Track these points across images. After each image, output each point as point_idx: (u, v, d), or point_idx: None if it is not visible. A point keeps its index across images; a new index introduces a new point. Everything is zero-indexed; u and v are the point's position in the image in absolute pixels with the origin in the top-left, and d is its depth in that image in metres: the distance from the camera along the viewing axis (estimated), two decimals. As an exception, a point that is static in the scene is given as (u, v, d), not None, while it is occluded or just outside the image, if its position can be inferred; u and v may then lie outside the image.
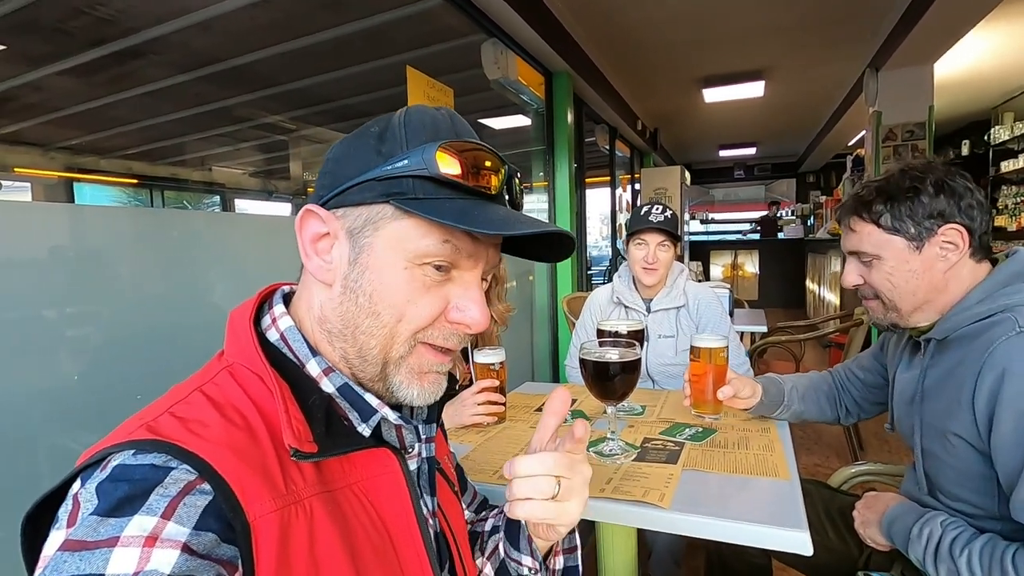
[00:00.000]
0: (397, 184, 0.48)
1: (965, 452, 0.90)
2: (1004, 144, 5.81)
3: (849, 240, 1.04)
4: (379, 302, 0.49)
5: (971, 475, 0.91)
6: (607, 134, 5.64)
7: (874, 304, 1.04)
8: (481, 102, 3.87)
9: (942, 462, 0.95)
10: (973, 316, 0.91)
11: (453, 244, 0.49)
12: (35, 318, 1.06)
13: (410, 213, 0.48)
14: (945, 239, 0.94)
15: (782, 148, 9.08)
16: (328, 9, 2.90)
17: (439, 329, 0.51)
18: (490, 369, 1.34)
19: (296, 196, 5.28)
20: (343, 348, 0.51)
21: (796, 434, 1.48)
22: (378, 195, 0.48)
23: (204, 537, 0.38)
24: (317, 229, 0.51)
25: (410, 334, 0.50)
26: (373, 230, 0.49)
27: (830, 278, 5.78)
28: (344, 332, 0.50)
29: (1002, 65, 4.77)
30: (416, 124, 0.50)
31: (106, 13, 2.58)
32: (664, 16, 3.66)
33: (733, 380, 1.20)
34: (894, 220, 0.95)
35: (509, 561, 0.67)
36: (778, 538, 0.79)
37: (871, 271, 1.01)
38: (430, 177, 0.47)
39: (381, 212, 0.49)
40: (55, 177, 3.96)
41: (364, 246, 0.49)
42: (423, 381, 0.52)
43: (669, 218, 1.72)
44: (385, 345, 0.50)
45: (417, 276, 0.49)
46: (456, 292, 0.51)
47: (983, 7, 3.19)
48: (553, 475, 0.53)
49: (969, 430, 0.88)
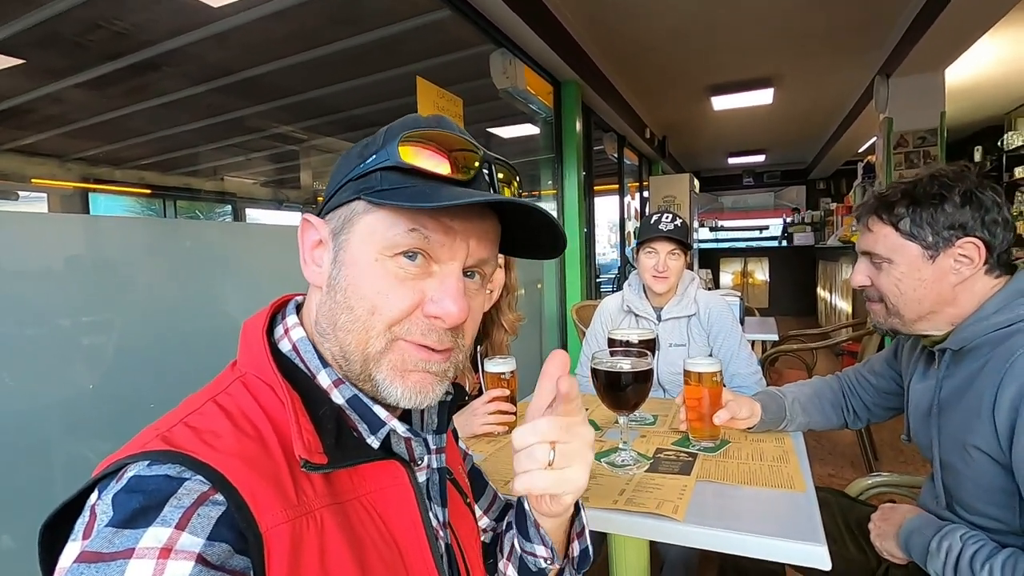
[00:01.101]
0: (367, 180, 0.49)
1: (985, 465, 0.88)
2: (1017, 150, 5.75)
3: (865, 240, 1.02)
4: (352, 296, 0.49)
5: (992, 489, 0.89)
6: (615, 142, 5.65)
7: (877, 307, 1.03)
8: (490, 111, 3.90)
9: (962, 475, 0.93)
10: (991, 326, 0.90)
11: (421, 232, 0.48)
12: (51, 328, 1.08)
13: (378, 205, 0.48)
14: (962, 252, 0.92)
15: (791, 155, 9.03)
16: (340, 21, 2.93)
17: (415, 323, 0.49)
18: (500, 378, 1.34)
19: (306, 205, 5.33)
20: (331, 348, 0.51)
21: (810, 444, 1.46)
22: (351, 193, 0.49)
23: (218, 548, 0.38)
24: (313, 237, 0.52)
25: (384, 327, 0.49)
26: (349, 227, 0.50)
27: (842, 285, 5.73)
28: (327, 331, 0.50)
29: (1014, 71, 4.73)
30: (396, 126, 0.50)
31: (122, 27, 2.63)
32: (672, 25, 3.67)
33: (729, 403, 1.17)
34: (913, 225, 0.94)
35: (525, 556, 0.66)
36: (795, 552, 0.78)
37: (880, 274, 0.99)
38: (394, 167, 0.48)
39: (354, 209, 0.49)
40: (71, 188, 4.03)
41: (342, 244, 0.50)
42: (406, 380, 0.50)
43: (679, 226, 1.71)
44: (360, 340, 0.49)
45: (390, 268, 0.48)
46: (432, 285, 0.50)
47: (994, 13, 3.17)
48: (547, 441, 0.50)
49: (989, 443, 0.86)
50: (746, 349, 1.72)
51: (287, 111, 4.34)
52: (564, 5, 3.29)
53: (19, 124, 3.38)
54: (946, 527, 0.92)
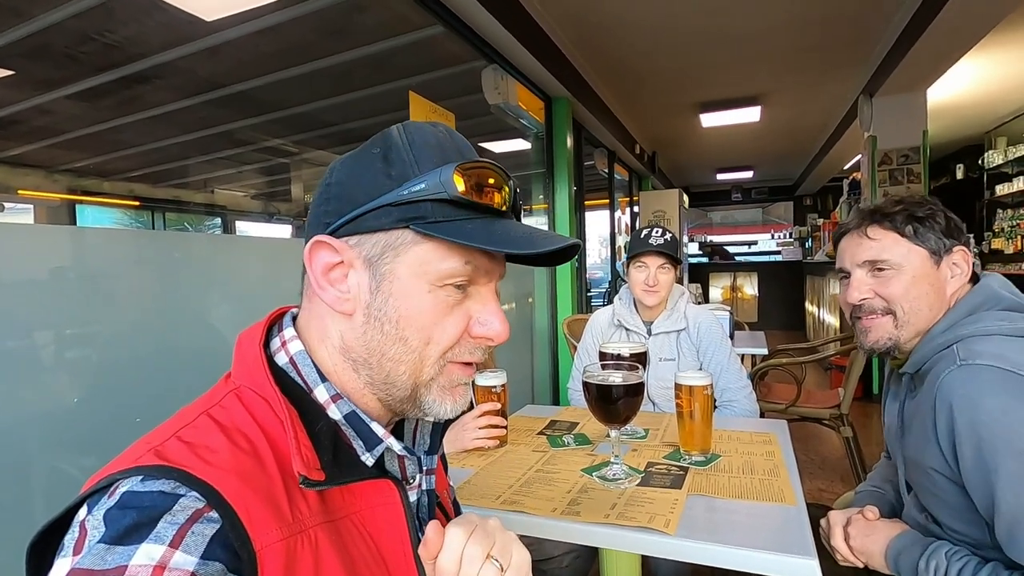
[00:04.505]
0: (415, 208, 0.47)
1: (947, 487, 0.88)
2: (998, 168, 5.87)
3: (864, 249, 0.98)
4: (406, 327, 0.49)
5: (960, 509, 0.88)
6: (606, 157, 5.70)
7: (882, 322, 0.98)
8: (482, 126, 3.92)
9: (932, 495, 0.94)
10: (935, 348, 0.91)
11: (473, 264, 0.50)
12: (37, 340, 1.06)
13: (430, 237, 0.47)
14: (954, 261, 0.95)
15: (779, 171, 9.16)
16: (332, 36, 2.95)
17: (464, 345, 0.52)
18: (491, 392, 1.33)
19: (297, 218, 5.30)
20: (369, 375, 0.51)
21: (800, 458, 1.47)
22: (395, 220, 0.47)
23: (211, 567, 0.37)
24: (329, 259, 0.49)
25: (439, 355, 0.50)
26: (393, 256, 0.48)
27: (829, 300, 5.79)
28: (370, 360, 0.50)
29: (994, 90, 4.85)
30: (421, 144, 0.49)
31: (114, 39, 2.62)
32: (662, 43, 3.73)
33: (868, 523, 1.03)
34: (917, 231, 0.95)
35: None
36: (787, 566, 0.78)
37: (888, 283, 0.96)
38: (448, 200, 0.47)
39: (400, 238, 0.48)
40: (58, 199, 3.98)
41: (385, 273, 0.48)
42: (455, 395, 0.53)
43: (669, 240, 1.73)
44: (415, 369, 0.50)
45: (441, 298, 0.49)
46: (475, 308, 0.52)
47: (974, 34, 3.26)
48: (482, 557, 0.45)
49: (943, 466, 0.87)
50: (736, 363, 1.72)
51: (279, 124, 4.34)
52: (555, 22, 3.33)
53: (6, 135, 3.36)
54: (932, 545, 0.92)
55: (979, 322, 0.89)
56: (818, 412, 2.72)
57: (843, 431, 2.67)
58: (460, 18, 2.59)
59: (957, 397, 0.82)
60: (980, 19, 3.06)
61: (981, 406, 0.80)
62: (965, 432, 0.81)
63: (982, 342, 0.86)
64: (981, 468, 0.79)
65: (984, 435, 0.79)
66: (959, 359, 0.84)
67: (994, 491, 0.78)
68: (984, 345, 0.85)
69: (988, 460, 0.79)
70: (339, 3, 2.57)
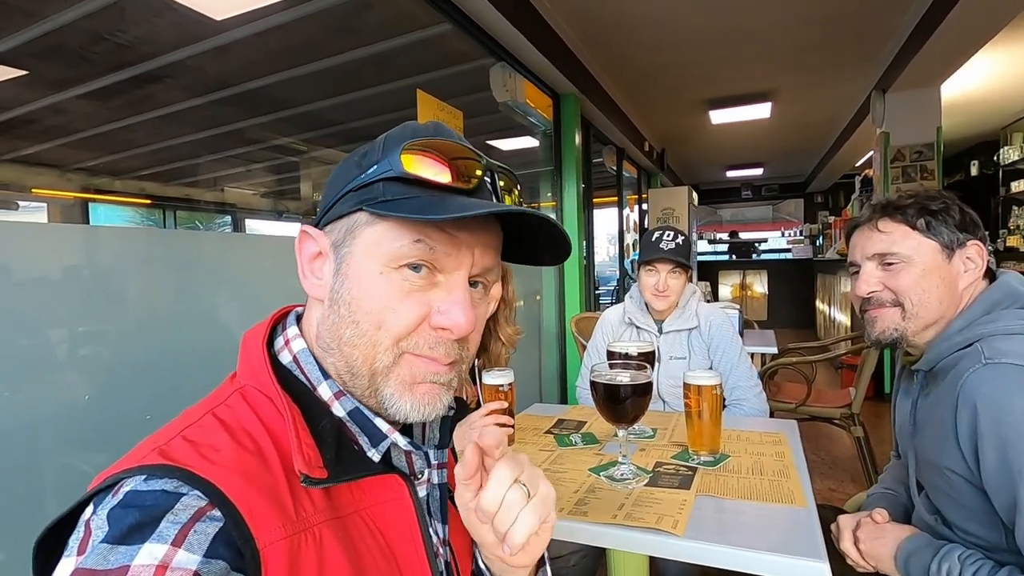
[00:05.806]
0: (369, 190, 0.47)
1: (963, 487, 0.87)
2: (1014, 164, 5.78)
3: (874, 242, 0.98)
4: (357, 310, 0.48)
5: (975, 510, 0.87)
6: (614, 155, 5.68)
7: (890, 312, 0.97)
8: (490, 124, 3.92)
9: (946, 496, 0.92)
10: (953, 346, 0.90)
11: (426, 243, 0.47)
12: (50, 338, 1.07)
13: (381, 216, 0.47)
14: (968, 255, 0.93)
15: (789, 168, 9.09)
16: (341, 35, 2.96)
17: (422, 336, 0.48)
18: (499, 390, 1.33)
19: (306, 216, 5.34)
20: (335, 363, 0.50)
21: (811, 459, 1.45)
22: (353, 204, 0.48)
23: (215, 565, 0.37)
24: (312, 248, 0.51)
25: (391, 342, 0.48)
26: (351, 239, 0.48)
27: (840, 298, 5.73)
28: (331, 346, 0.49)
29: (1009, 86, 4.77)
30: (395, 134, 0.49)
31: (125, 39, 2.65)
32: (670, 39, 3.71)
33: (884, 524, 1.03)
34: (929, 224, 0.94)
35: None
36: (797, 568, 0.77)
37: (897, 275, 0.95)
38: (397, 177, 0.46)
39: (357, 220, 0.48)
40: (71, 198, 4.03)
41: (344, 256, 0.49)
42: (415, 392, 0.49)
43: (680, 245, 1.70)
44: (368, 355, 0.48)
45: (395, 281, 0.47)
46: (439, 296, 0.48)
47: (989, 30, 3.21)
48: (510, 483, 0.48)
49: (961, 466, 0.85)
50: (746, 362, 1.71)
51: (288, 123, 4.36)
52: (563, 19, 3.32)
53: (20, 135, 3.40)
54: (944, 548, 0.91)
55: (999, 320, 0.87)
56: (829, 412, 2.70)
57: (854, 431, 2.64)
58: (468, 16, 2.59)
59: (982, 396, 0.81)
60: (994, 14, 3.01)
61: (1007, 406, 0.79)
62: (989, 432, 0.79)
63: (1007, 341, 0.84)
64: (1005, 469, 0.78)
65: (1009, 436, 0.78)
66: (984, 357, 0.83)
67: (1017, 493, 0.77)
68: (1010, 344, 0.84)
69: (1012, 461, 0.77)
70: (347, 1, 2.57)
